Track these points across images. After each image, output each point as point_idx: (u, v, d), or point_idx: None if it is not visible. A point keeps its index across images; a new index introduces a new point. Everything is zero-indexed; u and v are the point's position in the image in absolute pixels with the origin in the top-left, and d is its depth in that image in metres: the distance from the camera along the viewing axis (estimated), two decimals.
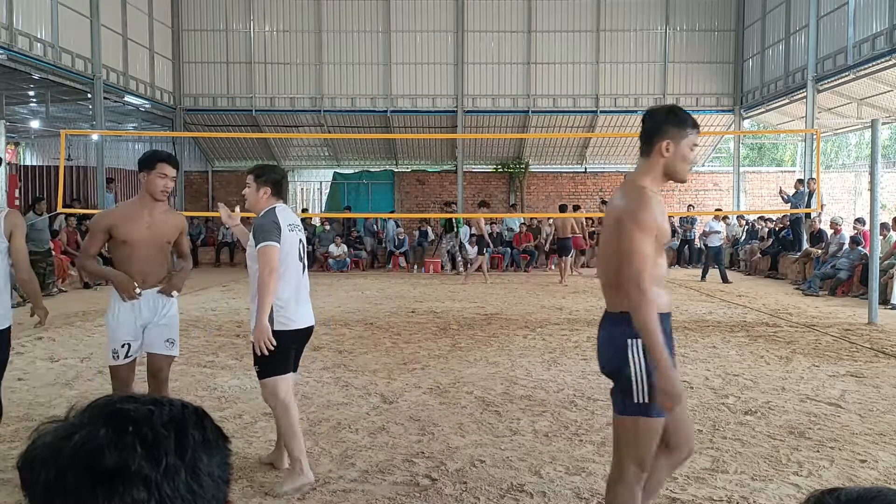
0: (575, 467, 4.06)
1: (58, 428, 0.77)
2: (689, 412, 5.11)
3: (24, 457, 0.77)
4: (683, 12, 19.61)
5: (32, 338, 8.04)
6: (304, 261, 3.93)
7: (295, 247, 3.83)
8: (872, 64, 13.33)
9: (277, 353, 3.68)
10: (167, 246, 4.09)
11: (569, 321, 9.43)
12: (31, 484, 0.75)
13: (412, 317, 9.84)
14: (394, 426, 4.84)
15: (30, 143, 21.70)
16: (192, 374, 6.41)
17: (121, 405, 0.79)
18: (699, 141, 2.99)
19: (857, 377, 6.23)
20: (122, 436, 0.75)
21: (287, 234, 3.77)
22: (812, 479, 3.87)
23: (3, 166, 9.29)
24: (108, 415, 0.77)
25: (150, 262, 3.97)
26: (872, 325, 8.99)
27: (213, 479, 0.79)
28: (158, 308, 4.02)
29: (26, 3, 12.76)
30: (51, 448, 0.76)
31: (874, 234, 9.44)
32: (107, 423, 0.76)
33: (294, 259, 3.83)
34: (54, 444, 0.76)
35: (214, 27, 19.60)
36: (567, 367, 6.66)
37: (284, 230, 3.75)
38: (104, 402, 0.80)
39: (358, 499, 3.65)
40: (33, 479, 0.75)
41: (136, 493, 0.73)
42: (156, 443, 0.75)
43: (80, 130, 18.32)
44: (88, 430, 0.75)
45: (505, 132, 20.23)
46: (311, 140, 21.02)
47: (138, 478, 0.73)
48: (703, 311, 10.38)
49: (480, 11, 19.53)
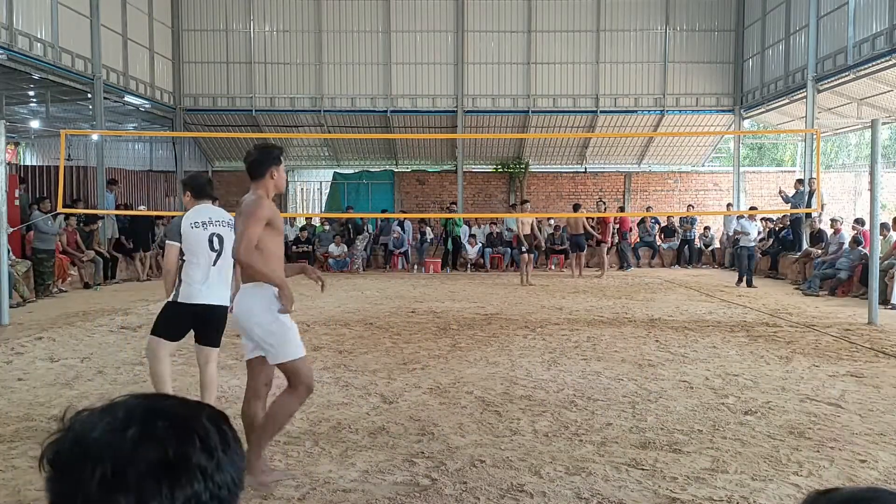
0: (575, 467, 4.06)
1: (104, 425, 0.77)
2: (690, 412, 5.14)
3: (62, 455, 0.76)
4: (683, 12, 19.61)
5: (32, 338, 8.04)
6: (219, 250, 4.56)
7: (203, 240, 4.56)
8: (872, 64, 13.33)
9: (168, 319, 4.68)
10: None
11: (569, 321, 9.43)
12: (76, 481, 0.74)
13: (412, 317, 9.83)
14: (394, 426, 4.83)
15: (30, 143, 21.70)
16: (192, 374, 6.40)
17: (159, 402, 0.82)
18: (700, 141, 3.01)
19: (857, 377, 6.23)
20: (177, 430, 0.77)
21: (190, 230, 4.56)
22: (812, 479, 3.87)
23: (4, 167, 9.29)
24: (154, 411, 0.79)
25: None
26: (872, 326, 8.99)
27: (240, 475, 0.83)
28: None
29: (26, 3, 12.76)
30: (104, 443, 0.76)
31: (874, 234, 9.44)
32: (158, 418, 0.78)
33: (203, 250, 4.56)
34: (106, 439, 0.76)
35: (214, 27, 19.59)
36: (567, 367, 6.66)
37: (186, 228, 4.57)
38: (139, 399, 0.81)
39: (358, 499, 3.65)
40: (82, 477, 0.74)
41: (196, 484, 0.76)
42: (207, 436, 0.79)
43: (80, 130, 18.32)
44: (144, 425, 0.77)
45: (505, 132, 20.23)
46: (311, 140, 21.02)
47: (198, 469, 0.76)
48: (703, 311, 10.38)
49: (480, 11, 19.53)
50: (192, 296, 4.57)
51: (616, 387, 5.90)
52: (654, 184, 21.09)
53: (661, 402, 5.44)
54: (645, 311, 10.30)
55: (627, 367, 6.63)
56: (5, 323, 8.98)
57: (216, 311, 4.68)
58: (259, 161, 3.80)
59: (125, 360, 6.97)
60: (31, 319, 9.44)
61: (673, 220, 18.69)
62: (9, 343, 7.72)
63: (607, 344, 7.81)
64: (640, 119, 20.00)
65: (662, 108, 19.75)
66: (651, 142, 20.75)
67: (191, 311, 4.62)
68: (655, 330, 8.72)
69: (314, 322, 9.39)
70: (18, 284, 10.75)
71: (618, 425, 4.85)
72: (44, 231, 11.70)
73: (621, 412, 5.16)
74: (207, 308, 4.62)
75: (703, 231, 18.82)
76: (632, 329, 8.80)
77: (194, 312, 4.63)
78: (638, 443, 4.48)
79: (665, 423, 4.88)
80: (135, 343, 7.85)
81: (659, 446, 4.41)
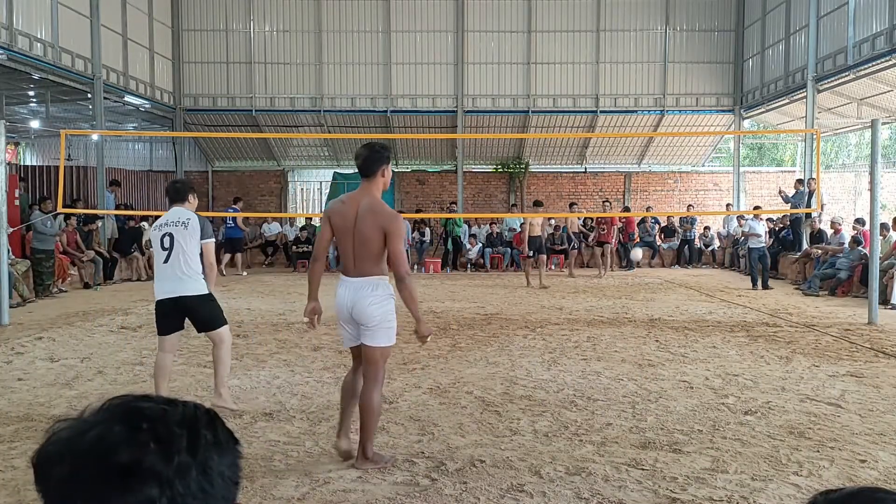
0: (575, 467, 4.06)
1: (73, 424, 0.78)
2: (690, 412, 5.14)
3: (40, 453, 0.78)
4: (683, 12, 19.60)
5: (32, 338, 8.04)
6: (169, 248, 5.00)
7: (157, 240, 5.06)
8: (872, 64, 13.32)
9: (155, 315, 5.27)
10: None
11: (569, 321, 9.43)
12: (46, 480, 0.76)
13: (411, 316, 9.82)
14: (394, 426, 4.84)
15: (30, 143, 21.68)
16: (192, 374, 6.41)
17: (136, 403, 0.80)
18: (700, 141, 3.05)
19: (857, 377, 6.23)
20: (135, 433, 0.76)
21: (152, 233, 5.17)
22: (812, 479, 3.87)
23: (4, 167, 9.29)
24: (123, 412, 0.78)
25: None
26: (872, 325, 8.99)
27: (224, 479, 0.80)
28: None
29: (26, 3, 12.76)
30: (66, 444, 0.76)
31: (874, 234, 9.44)
32: (122, 421, 0.77)
33: (157, 249, 5.08)
34: (70, 440, 0.76)
35: (214, 27, 19.59)
36: (567, 367, 6.66)
37: (151, 230, 5.28)
38: (120, 400, 0.81)
39: (358, 499, 3.66)
40: (48, 474, 0.76)
41: (148, 489, 0.74)
42: (169, 441, 0.76)
43: (80, 130, 18.31)
44: (103, 427, 0.76)
45: (505, 132, 20.22)
46: (311, 140, 21.02)
47: (151, 474, 0.74)
48: (703, 311, 10.38)
49: (480, 11, 19.52)
50: (156, 292, 5.13)
51: (616, 387, 5.90)
52: (654, 184, 21.09)
53: (661, 402, 5.44)
54: (645, 311, 10.30)
55: (627, 367, 6.63)
56: (5, 323, 8.98)
57: (180, 302, 5.08)
58: (371, 160, 4.05)
59: (125, 360, 6.97)
60: (31, 319, 9.44)
61: (673, 220, 18.69)
62: (9, 343, 7.72)
63: (607, 344, 7.81)
64: (640, 119, 20.00)
65: (662, 108, 19.75)
66: (651, 142, 20.75)
67: (161, 307, 5.14)
68: (655, 330, 8.72)
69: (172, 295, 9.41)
70: (18, 284, 10.75)
71: (618, 425, 4.85)
72: (42, 231, 11.70)
73: (621, 412, 5.16)
74: (171, 301, 5.07)
75: (703, 231, 18.82)
76: (632, 329, 8.80)
77: (163, 307, 5.12)
78: (638, 443, 4.48)
79: (665, 423, 4.88)
80: (135, 343, 7.85)
81: (659, 446, 4.41)
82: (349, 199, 4.09)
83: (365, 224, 3.93)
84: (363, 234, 3.94)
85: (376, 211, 3.96)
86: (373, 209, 3.96)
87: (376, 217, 3.94)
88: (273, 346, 7.66)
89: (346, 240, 4.01)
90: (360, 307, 3.97)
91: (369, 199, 4.01)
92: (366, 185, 4.06)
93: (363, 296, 3.97)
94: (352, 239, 3.98)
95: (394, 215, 4.06)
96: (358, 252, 3.98)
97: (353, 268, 4.01)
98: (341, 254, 4.13)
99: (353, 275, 4.01)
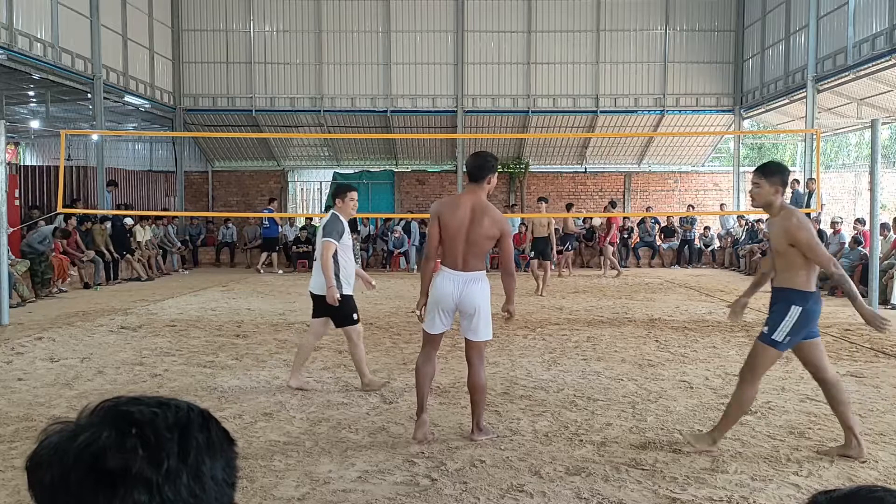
0: (575, 467, 4.06)
1: (64, 429, 0.78)
2: (690, 412, 5.14)
3: (31, 457, 0.78)
4: (683, 12, 19.59)
5: (32, 338, 8.04)
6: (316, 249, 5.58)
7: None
8: (872, 64, 13.32)
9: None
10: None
11: (569, 321, 9.43)
12: (37, 484, 0.76)
13: (412, 317, 9.82)
14: (394, 426, 4.84)
15: (30, 143, 21.68)
16: (192, 374, 6.41)
17: (126, 407, 0.79)
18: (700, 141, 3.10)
19: (857, 377, 6.23)
20: (124, 438, 0.75)
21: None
22: (812, 479, 3.87)
23: (4, 167, 9.29)
24: (112, 417, 0.78)
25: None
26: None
27: (217, 483, 0.79)
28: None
29: (26, 3, 12.75)
30: (56, 449, 0.76)
31: (874, 234, 9.44)
32: (111, 425, 0.76)
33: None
34: (59, 444, 0.76)
35: (214, 27, 19.58)
36: (567, 367, 6.66)
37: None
38: (111, 403, 0.80)
39: (358, 499, 3.65)
40: (38, 479, 0.75)
41: (136, 495, 0.73)
42: (158, 445, 0.75)
43: (80, 130, 18.30)
44: (92, 432, 0.76)
45: (505, 132, 20.22)
46: (311, 140, 21.02)
47: (139, 480, 0.73)
48: (703, 311, 10.38)
49: (480, 11, 19.52)
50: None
51: (616, 387, 5.90)
52: (654, 184, 21.09)
53: (661, 402, 5.44)
54: (645, 311, 10.29)
55: (627, 367, 6.63)
56: (5, 323, 8.97)
57: (312, 296, 5.81)
58: (482, 167, 4.48)
59: (125, 360, 6.97)
60: (31, 319, 9.43)
61: (673, 220, 18.69)
62: (9, 343, 7.72)
63: (607, 344, 7.81)
64: (640, 119, 20.00)
65: (662, 108, 19.75)
66: (651, 142, 20.74)
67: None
68: (655, 330, 8.72)
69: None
70: (18, 284, 10.75)
71: (618, 425, 4.85)
72: (35, 248, 11.67)
73: (621, 412, 5.16)
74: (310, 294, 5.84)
75: (703, 231, 18.82)
76: (632, 329, 8.80)
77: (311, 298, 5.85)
78: (638, 443, 4.48)
79: (665, 423, 4.88)
80: (135, 343, 7.85)
81: (659, 446, 4.41)
82: (459, 200, 4.49)
83: (481, 225, 4.37)
84: (477, 234, 4.38)
85: (492, 215, 4.42)
86: (488, 213, 4.40)
87: (493, 220, 4.40)
88: (273, 346, 7.66)
89: (458, 238, 4.39)
90: (469, 299, 4.43)
91: (482, 203, 4.43)
92: (475, 189, 4.48)
93: (472, 289, 4.44)
94: (464, 237, 4.38)
95: (506, 219, 4.60)
96: (468, 249, 4.40)
97: (460, 262, 4.42)
98: (447, 249, 4.45)
99: (461, 269, 4.43)
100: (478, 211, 4.38)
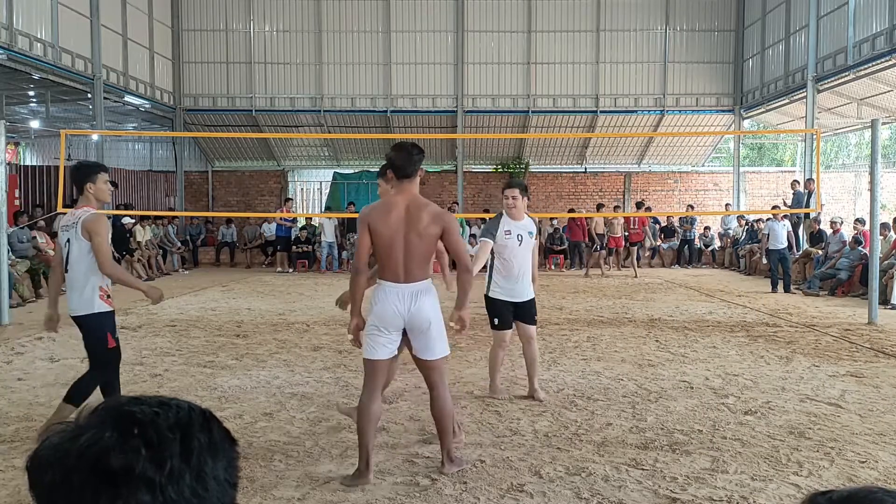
0: (575, 467, 4.06)
1: (65, 429, 0.77)
2: (690, 412, 5.14)
3: (32, 458, 0.77)
4: (683, 12, 19.59)
5: (32, 338, 8.04)
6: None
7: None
8: (872, 64, 13.32)
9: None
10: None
11: (569, 321, 9.43)
12: (38, 485, 0.76)
13: None
14: (394, 426, 4.84)
15: (30, 143, 21.68)
16: (192, 374, 6.41)
17: (128, 407, 0.79)
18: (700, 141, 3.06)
19: (857, 377, 6.23)
20: (127, 438, 0.75)
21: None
22: (812, 479, 3.87)
23: (4, 167, 9.29)
24: (114, 417, 0.77)
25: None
26: (872, 325, 8.99)
27: (219, 483, 0.79)
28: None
29: (26, 3, 12.75)
30: (57, 449, 0.76)
31: (874, 234, 9.44)
32: (113, 426, 0.76)
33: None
34: (61, 445, 0.76)
35: (214, 27, 19.58)
36: (567, 367, 6.66)
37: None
38: (113, 404, 0.80)
39: (358, 499, 3.66)
40: (39, 480, 0.75)
41: (139, 495, 0.73)
42: (160, 446, 0.75)
43: (80, 130, 18.29)
44: (94, 433, 0.76)
45: (505, 132, 20.22)
46: (311, 140, 21.01)
47: (142, 481, 0.73)
48: (703, 311, 10.38)
49: (480, 11, 19.52)
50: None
51: (616, 387, 5.90)
52: (654, 184, 21.08)
53: (661, 402, 5.44)
54: (645, 311, 10.29)
55: (627, 367, 6.63)
56: (5, 323, 8.98)
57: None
58: (409, 161, 3.92)
59: (125, 360, 6.94)
60: (31, 319, 9.43)
61: (673, 220, 18.68)
62: (9, 343, 7.72)
63: (607, 344, 7.81)
64: (640, 119, 19.99)
65: (662, 108, 19.74)
66: (651, 142, 20.74)
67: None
68: (655, 330, 8.72)
69: (314, 322, 9.40)
70: (18, 284, 10.75)
71: (618, 425, 4.85)
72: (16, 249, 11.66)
73: (621, 412, 5.16)
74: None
75: (703, 231, 18.82)
76: (632, 329, 8.80)
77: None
78: (638, 443, 4.48)
79: (665, 423, 4.88)
80: (135, 343, 7.85)
81: (659, 446, 4.41)
82: (390, 203, 3.93)
83: (420, 224, 3.83)
84: (417, 235, 3.83)
85: (430, 210, 3.90)
86: (426, 209, 3.88)
87: (432, 216, 3.87)
88: (273, 346, 7.66)
89: (394, 245, 3.85)
90: (422, 314, 3.90)
91: (417, 201, 3.91)
92: (406, 186, 3.92)
93: (422, 303, 3.90)
94: (402, 244, 3.85)
95: (447, 212, 4.08)
96: (409, 256, 3.86)
97: (402, 273, 3.87)
98: (385, 261, 3.89)
99: (403, 280, 3.88)
100: (413, 209, 3.85)
